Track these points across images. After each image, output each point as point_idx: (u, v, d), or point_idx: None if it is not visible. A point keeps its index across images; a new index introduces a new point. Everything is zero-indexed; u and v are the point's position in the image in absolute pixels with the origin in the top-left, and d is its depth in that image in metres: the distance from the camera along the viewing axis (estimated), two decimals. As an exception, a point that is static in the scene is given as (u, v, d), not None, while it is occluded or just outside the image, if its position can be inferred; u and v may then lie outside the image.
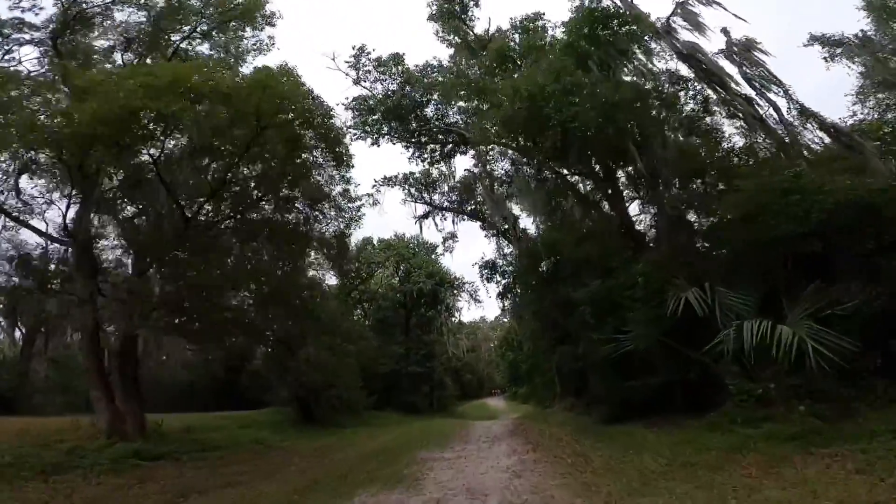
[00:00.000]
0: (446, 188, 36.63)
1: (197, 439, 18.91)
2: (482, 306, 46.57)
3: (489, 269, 34.64)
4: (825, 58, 23.09)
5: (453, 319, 48.53)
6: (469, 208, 35.53)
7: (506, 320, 52.44)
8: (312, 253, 23.14)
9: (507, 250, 34.49)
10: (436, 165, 32.60)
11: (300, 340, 28.01)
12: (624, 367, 15.40)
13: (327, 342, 31.24)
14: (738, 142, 20.88)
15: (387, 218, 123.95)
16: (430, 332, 46.87)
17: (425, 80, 28.07)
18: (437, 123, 29.35)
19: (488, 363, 71.37)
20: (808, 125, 18.87)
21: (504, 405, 59.95)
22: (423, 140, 30.35)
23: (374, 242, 49.54)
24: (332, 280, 55.69)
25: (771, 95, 19.12)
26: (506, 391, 66.24)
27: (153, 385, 38.19)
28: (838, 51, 22.96)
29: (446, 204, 36.40)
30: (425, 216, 37.44)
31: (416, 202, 36.29)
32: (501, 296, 35.27)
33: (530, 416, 28.52)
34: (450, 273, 45.07)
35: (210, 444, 18.58)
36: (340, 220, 23.30)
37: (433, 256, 46.76)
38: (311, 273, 25.64)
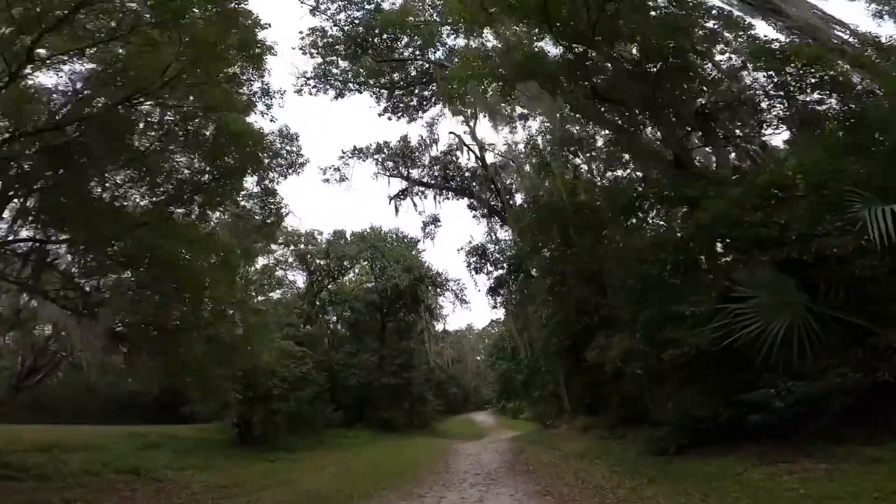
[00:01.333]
0: (427, 160, 30.62)
1: (42, 463, 12.60)
2: (469, 308, 38.47)
3: (478, 255, 28.58)
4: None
5: (436, 324, 42.38)
6: (454, 185, 29.47)
7: (497, 320, 46.32)
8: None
9: (501, 234, 28.50)
10: (414, 118, 26.52)
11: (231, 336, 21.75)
12: (709, 367, 9.18)
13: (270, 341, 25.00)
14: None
15: (363, 206, 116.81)
16: (408, 339, 40.47)
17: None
18: (415, 61, 23.35)
19: (476, 375, 64.86)
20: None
21: (493, 421, 53.45)
22: (397, 86, 24.29)
23: (347, 236, 43.27)
24: (299, 279, 50.34)
25: None
26: (495, 405, 59.70)
27: (85, 395, 32.33)
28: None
29: (427, 179, 30.34)
30: (402, 195, 31.43)
31: (390, 176, 30.25)
32: (493, 291, 29.15)
33: (530, 439, 22.23)
34: (432, 269, 39.10)
35: (57, 470, 12.27)
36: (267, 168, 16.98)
37: (413, 252, 40.49)
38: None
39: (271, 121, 23.93)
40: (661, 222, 13.19)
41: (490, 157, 28.12)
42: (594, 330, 18.97)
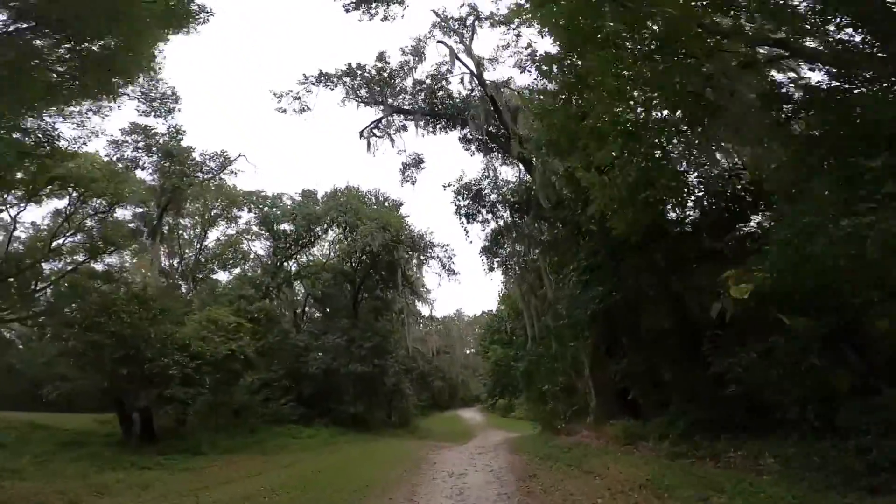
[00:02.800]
0: (410, 84, 23.91)
1: None
2: (458, 279, 31.11)
3: (471, 197, 21.78)
4: None
5: (417, 302, 35.22)
6: (443, 111, 22.74)
7: (490, 311, 38.81)
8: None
9: (504, 174, 21.78)
10: (391, 17, 19.77)
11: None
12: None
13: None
14: None
15: (336, 157, 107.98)
16: (386, 319, 33.71)
17: None
18: None
19: (464, 368, 58.07)
20: None
21: (481, 418, 46.91)
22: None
23: (319, 196, 36.41)
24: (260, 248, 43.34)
25: None
26: (486, 402, 52.93)
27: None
28: None
29: (409, 107, 23.59)
30: (377, 128, 24.66)
31: (360, 102, 23.48)
32: (489, 251, 22.42)
33: (537, 450, 15.52)
34: (413, 229, 32.49)
35: None
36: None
37: (396, 214, 33.58)
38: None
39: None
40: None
41: (490, 76, 21.40)
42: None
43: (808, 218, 6.89)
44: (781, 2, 8.03)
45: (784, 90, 9.00)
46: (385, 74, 23.73)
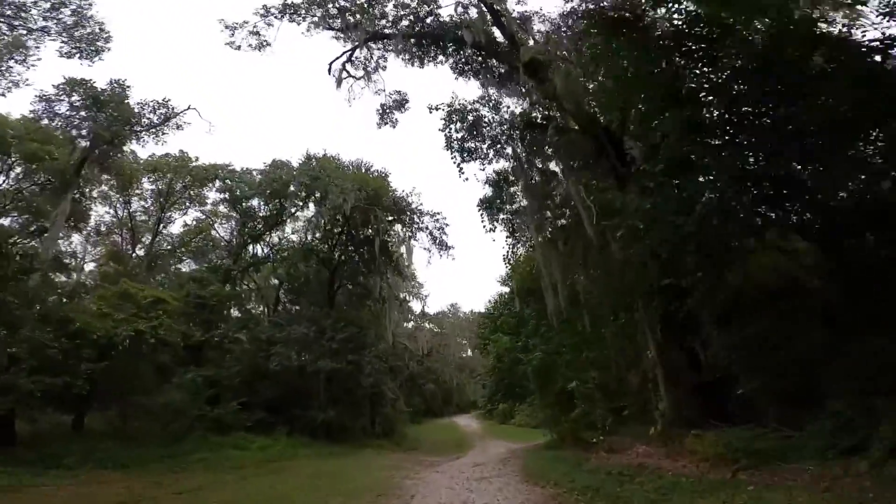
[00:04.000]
0: (391, 7, 18.74)
1: None
2: (451, 254, 25.29)
3: (467, 129, 16.33)
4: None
5: (401, 282, 29.14)
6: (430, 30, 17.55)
7: (485, 312, 33.09)
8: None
9: (506, 106, 16.42)
10: None
11: None
12: None
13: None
14: None
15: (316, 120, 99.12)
16: (367, 307, 28.20)
17: None
18: None
19: (460, 370, 52.10)
20: None
21: (479, 426, 41.33)
22: None
23: (294, 164, 30.66)
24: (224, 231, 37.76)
25: None
26: (485, 408, 46.82)
27: None
28: None
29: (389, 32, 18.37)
30: (350, 59, 19.47)
31: (332, 31, 18.31)
32: (489, 205, 16.99)
33: (576, 476, 10.00)
34: (395, 190, 26.59)
35: None
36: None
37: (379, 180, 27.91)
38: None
39: None
40: None
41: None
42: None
43: None
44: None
45: None
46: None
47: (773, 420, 8.01)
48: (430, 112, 16.65)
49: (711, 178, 8.47)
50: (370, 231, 25.65)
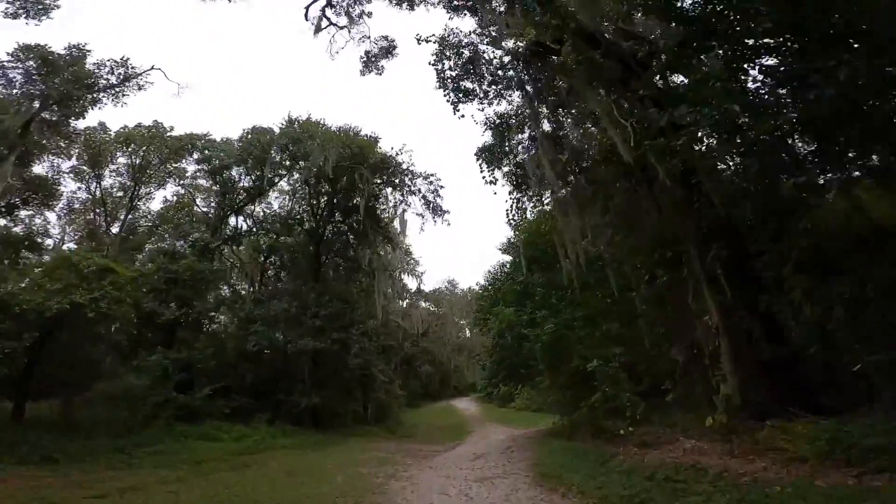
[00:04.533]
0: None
1: None
2: (447, 220, 22.58)
3: (463, 65, 13.70)
4: None
5: (392, 251, 26.49)
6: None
7: (481, 288, 30.43)
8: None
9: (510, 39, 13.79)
10: None
11: None
12: None
13: None
14: None
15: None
16: (354, 281, 25.80)
17: None
18: None
19: (457, 351, 49.91)
20: None
21: (478, 409, 39.38)
22: None
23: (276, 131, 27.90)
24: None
25: None
26: (485, 391, 44.62)
27: None
28: None
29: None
30: (329, 1, 16.90)
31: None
32: (490, 154, 14.49)
33: (607, 480, 7.76)
34: (381, 148, 23.71)
35: None
36: None
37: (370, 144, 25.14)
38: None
39: None
40: None
41: None
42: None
43: None
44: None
45: None
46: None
47: (887, 407, 5.76)
48: (419, 44, 14.05)
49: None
50: (357, 199, 23.12)
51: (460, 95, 13.30)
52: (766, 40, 6.75)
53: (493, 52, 13.31)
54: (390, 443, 21.90)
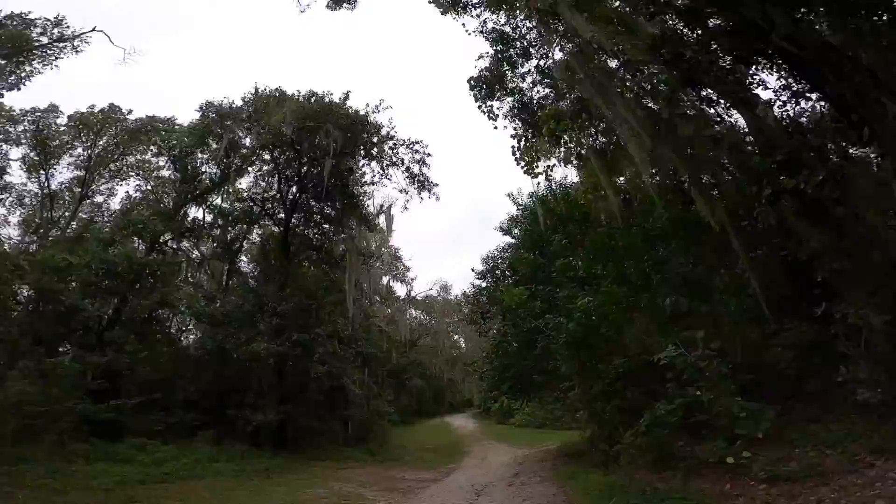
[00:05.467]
0: None
1: None
2: (436, 194, 18.37)
3: None
4: None
5: (368, 234, 21.67)
6: None
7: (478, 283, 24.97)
8: None
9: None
10: None
11: None
12: None
13: None
14: None
15: None
16: (326, 276, 21.45)
17: None
18: None
19: (451, 363, 44.93)
20: None
21: (475, 426, 35.05)
22: None
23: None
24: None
25: None
26: (482, 405, 39.84)
27: None
28: None
29: None
30: None
31: None
32: (488, 83, 10.57)
33: None
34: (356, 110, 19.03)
35: None
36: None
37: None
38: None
39: None
40: None
41: None
42: None
43: None
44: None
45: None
46: None
47: None
48: None
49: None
50: (330, 179, 18.99)
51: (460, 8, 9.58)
52: None
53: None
54: (367, 469, 17.67)
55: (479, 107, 10.87)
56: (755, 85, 8.68)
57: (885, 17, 6.60)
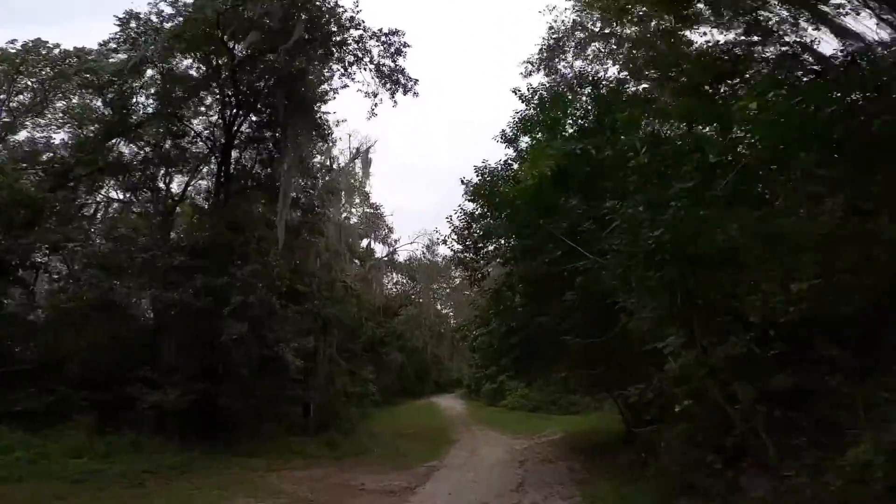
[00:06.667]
0: None
1: None
2: (415, 92, 13.28)
3: None
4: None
5: (316, 141, 16.12)
6: None
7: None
8: None
9: None
10: None
11: None
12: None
13: None
14: None
15: None
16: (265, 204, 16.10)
17: None
18: None
19: (435, 336, 39.31)
20: None
21: (463, 409, 30.56)
22: None
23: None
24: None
25: None
26: (471, 385, 34.93)
27: None
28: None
29: None
30: None
31: None
32: None
33: None
34: None
35: None
36: None
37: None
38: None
39: None
40: None
41: None
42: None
43: None
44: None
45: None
46: None
47: None
48: None
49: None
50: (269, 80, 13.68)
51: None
52: None
53: None
54: (315, 469, 12.88)
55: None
56: None
57: None
